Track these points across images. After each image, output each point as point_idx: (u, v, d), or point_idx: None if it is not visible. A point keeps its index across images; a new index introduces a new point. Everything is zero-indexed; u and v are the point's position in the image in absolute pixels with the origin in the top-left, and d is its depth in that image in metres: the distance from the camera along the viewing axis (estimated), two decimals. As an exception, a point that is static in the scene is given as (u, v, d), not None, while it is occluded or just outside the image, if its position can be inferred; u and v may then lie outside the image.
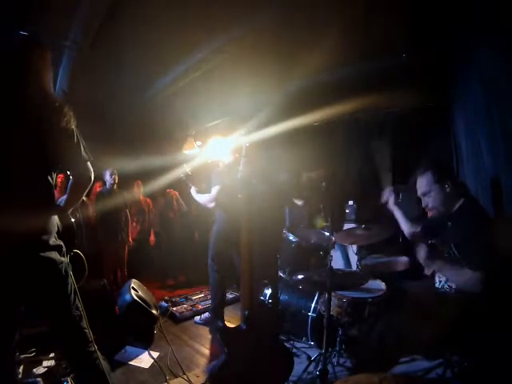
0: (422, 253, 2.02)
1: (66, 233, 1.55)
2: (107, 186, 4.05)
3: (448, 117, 3.23)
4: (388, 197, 2.31)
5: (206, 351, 2.87)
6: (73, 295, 1.50)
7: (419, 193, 1.93)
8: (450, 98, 3.16)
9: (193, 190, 3.42)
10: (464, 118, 2.88)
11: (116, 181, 4.05)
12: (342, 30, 2.37)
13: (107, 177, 4.02)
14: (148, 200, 5.02)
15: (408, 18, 2.32)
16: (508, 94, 2.06)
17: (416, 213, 2.74)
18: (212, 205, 3.24)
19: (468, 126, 2.78)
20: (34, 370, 2.35)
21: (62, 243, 1.50)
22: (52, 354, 2.51)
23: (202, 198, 3.33)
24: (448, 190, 1.83)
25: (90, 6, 2.29)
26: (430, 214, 1.97)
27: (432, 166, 1.91)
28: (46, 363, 2.42)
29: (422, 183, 1.90)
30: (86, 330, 1.53)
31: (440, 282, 1.93)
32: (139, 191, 4.78)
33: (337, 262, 3.72)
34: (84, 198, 2.72)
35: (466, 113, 2.82)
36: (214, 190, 3.14)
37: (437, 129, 3.48)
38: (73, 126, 1.44)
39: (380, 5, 2.24)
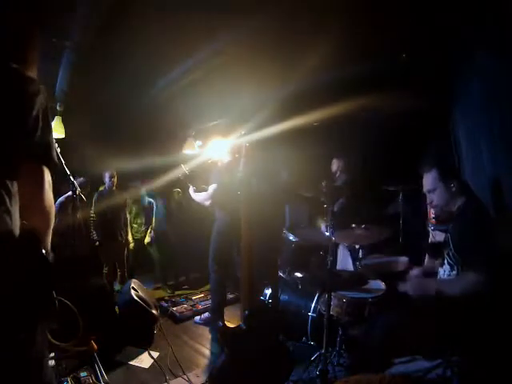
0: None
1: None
2: (106, 188, 4.07)
3: (448, 117, 3.23)
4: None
5: (206, 351, 2.87)
6: None
7: (425, 189, 1.92)
8: (450, 98, 3.16)
9: (191, 190, 3.44)
10: (464, 119, 2.88)
11: (115, 183, 4.07)
12: (341, 30, 2.37)
13: (106, 179, 4.03)
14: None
15: (408, 18, 2.32)
16: (508, 94, 2.07)
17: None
18: (208, 203, 3.24)
19: (468, 126, 2.79)
20: (34, 370, 2.35)
21: None
22: (52, 354, 2.51)
23: (198, 197, 3.34)
24: (453, 189, 1.82)
25: (90, 5, 2.29)
26: (433, 211, 1.95)
27: (437, 164, 1.89)
28: (45, 363, 2.41)
29: (428, 180, 1.89)
30: None
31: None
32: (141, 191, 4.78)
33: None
34: (84, 198, 2.73)
35: (465, 113, 2.83)
36: (211, 188, 3.15)
37: (436, 129, 3.48)
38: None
39: (380, 5, 2.24)
